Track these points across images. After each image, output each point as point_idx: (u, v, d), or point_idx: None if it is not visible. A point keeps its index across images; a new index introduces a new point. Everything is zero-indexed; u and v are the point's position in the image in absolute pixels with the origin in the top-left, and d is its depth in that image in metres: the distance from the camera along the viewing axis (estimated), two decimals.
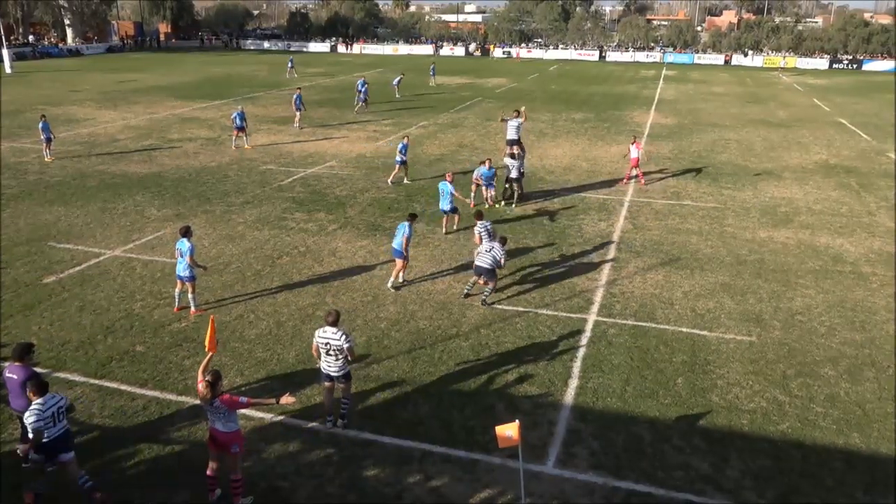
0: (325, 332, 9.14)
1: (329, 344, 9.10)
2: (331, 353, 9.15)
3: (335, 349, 9.10)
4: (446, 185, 16.99)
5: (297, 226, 17.86)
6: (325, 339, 9.12)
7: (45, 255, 15.45)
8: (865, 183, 23.44)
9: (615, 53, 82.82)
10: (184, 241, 12.37)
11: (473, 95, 44.75)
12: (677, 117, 37.21)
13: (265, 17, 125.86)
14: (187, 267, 12.32)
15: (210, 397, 7.68)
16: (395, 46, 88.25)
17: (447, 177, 17.35)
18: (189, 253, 12.22)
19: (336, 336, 9.07)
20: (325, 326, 9.19)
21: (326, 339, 9.11)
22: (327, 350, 9.15)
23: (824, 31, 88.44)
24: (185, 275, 12.40)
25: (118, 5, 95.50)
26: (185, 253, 12.24)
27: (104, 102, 38.85)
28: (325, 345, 9.13)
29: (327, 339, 9.11)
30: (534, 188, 21.77)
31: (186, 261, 12.24)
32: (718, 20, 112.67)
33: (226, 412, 7.77)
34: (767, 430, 9.64)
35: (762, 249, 16.74)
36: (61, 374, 10.64)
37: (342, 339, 9.06)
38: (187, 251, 12.23)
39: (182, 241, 12.40)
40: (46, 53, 70.97)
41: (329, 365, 9.23)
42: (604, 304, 13.53)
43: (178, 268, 12.50)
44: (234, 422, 7.90)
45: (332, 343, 9.08)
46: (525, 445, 8.17)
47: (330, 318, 9.19)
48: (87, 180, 21.97)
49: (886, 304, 13.76)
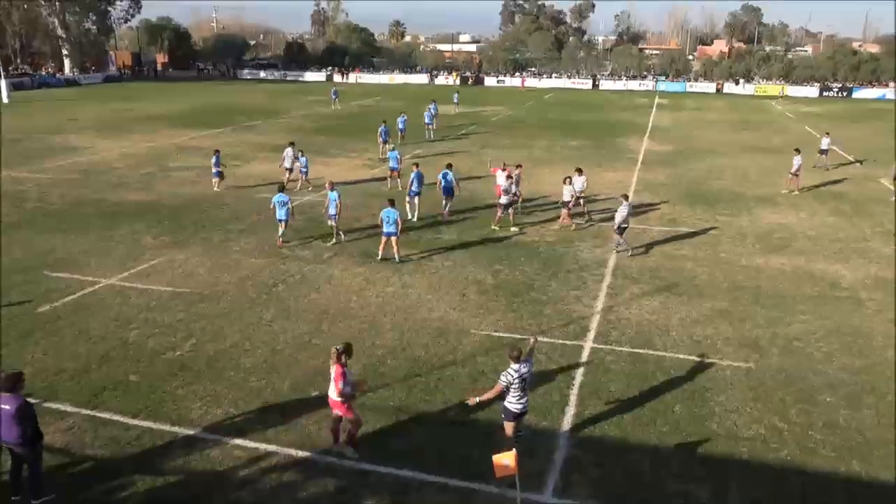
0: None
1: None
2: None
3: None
4: (391, 211, 16.89)
5: (292, 253, 17.84)
6: (521, 373, 8.90)
7: (40, 284, 15.38)
8: (859, 209, 23.58)
9: (608, 82, 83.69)
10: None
11: (469, 123, 45.07)
12: (672, 144, 37.51)
13: (262, 46, 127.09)
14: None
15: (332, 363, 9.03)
16: (391, 76, 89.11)
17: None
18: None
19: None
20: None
21: (520, 374, 8.90)
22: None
23: (814, 59, 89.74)
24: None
25: (116, 35, 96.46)
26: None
27: (102, 131, 39.05)
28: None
29: (522, 374, 8.92)
30: (530, 214, 21.84)
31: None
32: (709, 49, 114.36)
33: (332, 381, 9.00)
34: (767, 457, 9.57)
35: (759, 275, 16.77)
36: (54, 403, 10.51)
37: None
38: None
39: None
40: (44, 83, 71.43)
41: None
42: (600, 331, 13.49)
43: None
44: (333, 393, 9.08)
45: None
46: (523, 474, 8.07)
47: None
48: (84, 208, 21.98)
49: (884, 330, 13.75)
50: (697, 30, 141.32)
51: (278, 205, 18.02)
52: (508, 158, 28.39)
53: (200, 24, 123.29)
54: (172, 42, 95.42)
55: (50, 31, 79.60)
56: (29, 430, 8.02)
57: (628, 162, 31.14)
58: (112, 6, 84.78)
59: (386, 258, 17.23)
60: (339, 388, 8.96)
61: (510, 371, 8.84)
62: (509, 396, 9.00)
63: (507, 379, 8.84)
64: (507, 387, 8.89)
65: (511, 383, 8.85)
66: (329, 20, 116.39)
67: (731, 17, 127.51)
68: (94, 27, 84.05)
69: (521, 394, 8.98)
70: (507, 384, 8.86)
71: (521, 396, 9.01)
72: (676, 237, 19.89)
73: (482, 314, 14.20)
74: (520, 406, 9.06)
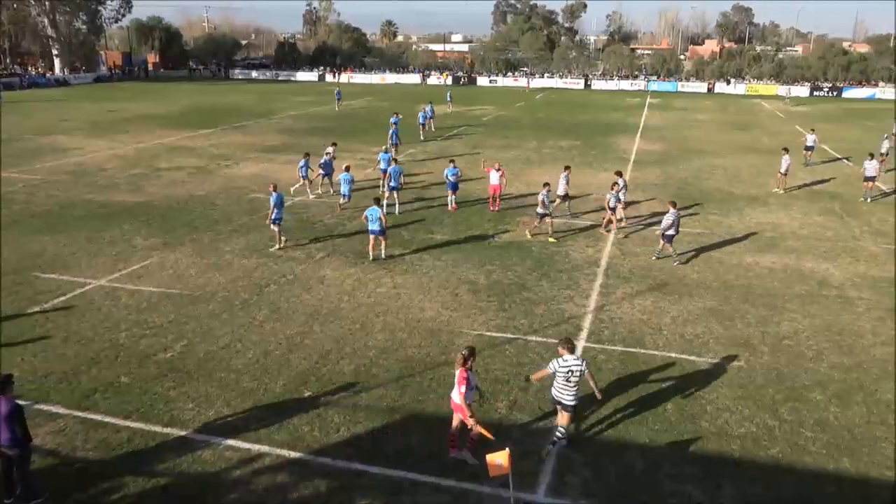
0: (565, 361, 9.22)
1: (571, 371, 9.21)
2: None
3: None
4: (376, 210, 17.00)
5: (284, 254, 17.80)
6: (568, 366, 9.19)
7: (29, 286, 15.29)
8: (849, 208, 23.73)
9: (600, 82, 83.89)
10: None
11: (460, 123, 45.09)
12: (663, 144, 37.64)
13: (253, 46, 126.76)
14: None
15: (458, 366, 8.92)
16: (383, 76, 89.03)
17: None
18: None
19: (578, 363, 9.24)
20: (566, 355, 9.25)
21: (569, 366, 9.19)
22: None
23: (804, 59, 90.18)
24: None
25: (106, 35, 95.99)
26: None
27: (92, 132, 38.85)
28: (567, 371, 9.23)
29: (570, 367, 9.19)
30: (521, 214, 21.89)
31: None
32: (701, 49, 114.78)
33: (455, 384, 8.88)
34: (758, 455, 9.62)
35: (749, 274, 16.86)
36: (44, 406, 10.46)
37: (583, 364, 9.27)
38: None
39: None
40: (34, 83, 71.05)
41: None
42: (593, 331, 13.53)
43: None
44: (456, 396, 8.91)
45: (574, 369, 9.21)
46: (516, 474, 8.09)
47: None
48: (73, 209, 21.87)
49: (872, 328, 13.85)
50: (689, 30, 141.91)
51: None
52: (500, 158, 28.49)
53: (191, 23, 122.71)
54: (163, 42, 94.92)
55: (39, 31, 79.18)
56: (20, 431, 7.99)
57: (620, 162, 31.20)
58: (102, 6, 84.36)
59: (376, 258, 17.24)
60: (461, 391, 8.82)
61: (557, 359, 9.25)
62: (555, 383, 9.39)
63: (552, 366, 9.28)
64: (553, 374, 9.29)
65: (556, 371, 9.23)
66: (321, 20, 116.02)
67: (722, 17, 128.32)
68: (84, 27, 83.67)
69: (565, 385, 9.26)
70: (553, 371, 9.26)
71: (565, 388, 9.29)
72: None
73: (474, 314, 14.21)
74: (560, 396, 9.36)
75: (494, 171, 22.12)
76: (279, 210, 17.89)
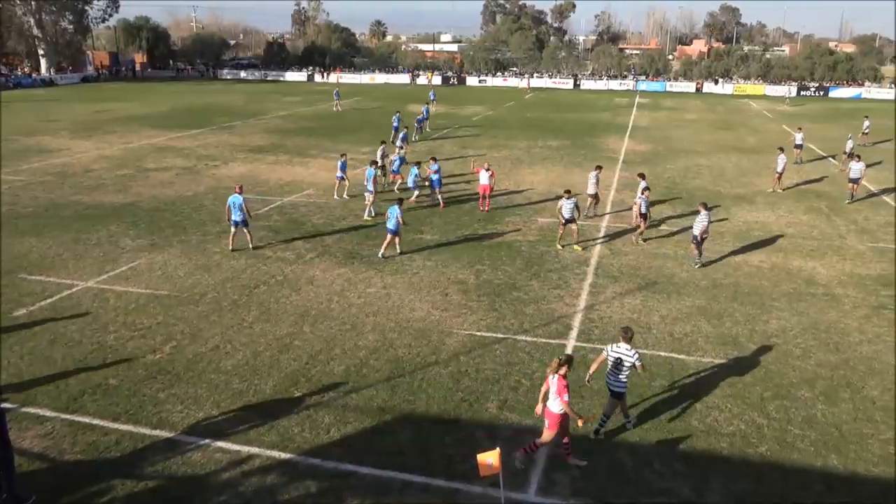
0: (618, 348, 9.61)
1: (621, 359, 9.54)
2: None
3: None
4: (395, 209, 17.22)
5: (274, 254, 17.75)
6: (618, 353, 9.58)
7: (15, 288, 15.16)
8: (835, 207, 23.92)
9: (589, 82, 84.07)
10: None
11: (449, 123, 45.08)
12: (651, 144, 37.78)
13: (242, 46, 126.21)
14: None
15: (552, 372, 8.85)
16: (372, 76, 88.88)
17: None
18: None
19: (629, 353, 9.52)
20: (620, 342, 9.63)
21: (619, 353, 9.57)
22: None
23: (791, 59, 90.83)
24: None
25: (93, 35, 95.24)
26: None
27: (78, 132, 38.56)
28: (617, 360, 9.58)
29: (619, 355, 9.56)
30: (511, 214, 21.92)
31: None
32: (689, 49, 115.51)
33: (553, 394, 8.77)
34: (747, 452, 9.68)
35: (737, 273, 16.96)
36: (32, 408, 10.38)
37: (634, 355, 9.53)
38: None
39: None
40: (20, 84, 70.44)
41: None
42: (582, 330, 13.57)
43: None
44: (556, 406, 8.79)
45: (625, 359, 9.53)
46: (506, 473, 8.10)
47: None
48: (60, 210, 21.70)
49: (859, 326, 13.97)
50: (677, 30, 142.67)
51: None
52: (490, 158, 28.53)
53: (179, 23, 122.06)
54: (151, 42, 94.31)
55: (25, 31, 78.33)
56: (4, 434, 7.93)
57: (609, 161, 31.27)
58: (89, 5, 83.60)
59: (386, 256, 17.49)
60: (564, 400, 8.70)
61: (611, 345, 9.75)
62: (607, 369, 9.76)
63: (605, 350, 9.79)
64: (605, 358, 9.73)
65: (608, 356, 9.68)
66: (310, 20, 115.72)
67: (709, 18, 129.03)
68: (70, 27, 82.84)
69: (616, 371, 9.63)
70: (606, 355, 9.72)
71: (612, 374, 9.67)
72: (656, 236, 20.04)
73: (464, 314, 14.22)
74: (608, 381, 9.75)
75: (484, 171, 22.17)
76: (237, 212, 17.57)
